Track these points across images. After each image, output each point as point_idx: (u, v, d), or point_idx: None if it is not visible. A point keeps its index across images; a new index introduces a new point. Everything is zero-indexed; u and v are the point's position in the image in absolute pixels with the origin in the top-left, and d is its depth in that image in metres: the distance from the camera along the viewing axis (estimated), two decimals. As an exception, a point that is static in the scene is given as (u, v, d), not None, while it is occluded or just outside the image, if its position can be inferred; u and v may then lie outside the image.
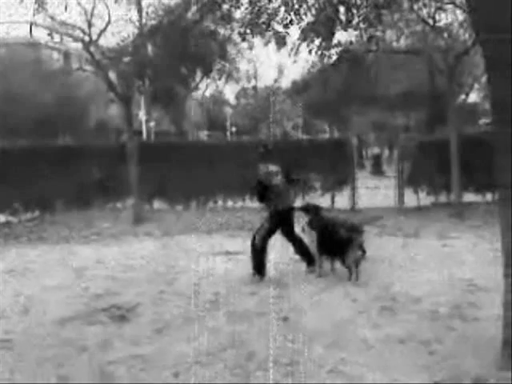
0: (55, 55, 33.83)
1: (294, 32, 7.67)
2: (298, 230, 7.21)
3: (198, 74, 20.19)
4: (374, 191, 14.63)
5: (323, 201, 13.08)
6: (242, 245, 8.22)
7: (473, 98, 31.28)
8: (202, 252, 8.62)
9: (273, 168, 6.85)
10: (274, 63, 52.54)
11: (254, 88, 44.61)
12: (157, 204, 13.75)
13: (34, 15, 14.33)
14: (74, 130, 26.39)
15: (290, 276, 6.92)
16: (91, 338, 4.95)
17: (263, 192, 6.75)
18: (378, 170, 26.24)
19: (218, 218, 11.89)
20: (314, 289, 6.34)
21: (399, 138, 15.62)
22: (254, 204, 13.42)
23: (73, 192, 12.91)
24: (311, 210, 7.37)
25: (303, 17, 7.37)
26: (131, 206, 12.44)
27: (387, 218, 11.35)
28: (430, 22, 11.73)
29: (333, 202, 13.22)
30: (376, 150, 30.84)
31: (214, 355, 4.45)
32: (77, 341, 4.89)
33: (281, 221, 6.82)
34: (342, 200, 13.08)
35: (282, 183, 6.85)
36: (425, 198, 12.99)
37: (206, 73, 17.69)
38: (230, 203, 13.59)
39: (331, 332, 4.88)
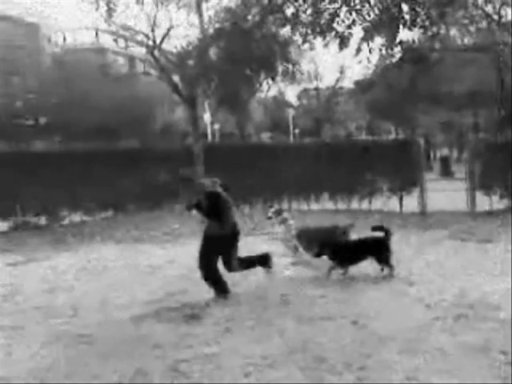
0: (121, 60, 35.06)
1: (356, 32, 7.57)
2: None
3: (262, 76, 20.28)
4: (443, 194, 14.16)
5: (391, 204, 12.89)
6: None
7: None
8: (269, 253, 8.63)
9: (213, 179, 6.52)
10: (336, 63, 52.02)
11: (316, 89, 44.34)
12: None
13: (105, 21, 14.95)
14: (141, 133, 27.24)
15: (357, 280, 6.84)
16: (164, 336, 5.08)
17: (213, 206, 6.27)
18: (446, 172, 25.51)
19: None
20: (383, 293, 6.22)
21: (469, 139, 15.09)
22: (319, 206, 13.40)
23: (143, 193, 13.34)
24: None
25: (366, 17, 7.25)
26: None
27: (459, 222, 11.00)
28: (496, 17, 11.33)
29: (401, 205, 12.94)
30: (444, 151, 29.95)
31: (284, 357, 4.46)
32: (151, 338, 5.04)
33: (232, 239, 6.34)
34: (411, 203, 12.78)
35: (227, 195, 6.39)
36: (498, 202, 12.46)
37: (271, 75, 17.76)
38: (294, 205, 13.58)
39: (404, 338, 4.77)
